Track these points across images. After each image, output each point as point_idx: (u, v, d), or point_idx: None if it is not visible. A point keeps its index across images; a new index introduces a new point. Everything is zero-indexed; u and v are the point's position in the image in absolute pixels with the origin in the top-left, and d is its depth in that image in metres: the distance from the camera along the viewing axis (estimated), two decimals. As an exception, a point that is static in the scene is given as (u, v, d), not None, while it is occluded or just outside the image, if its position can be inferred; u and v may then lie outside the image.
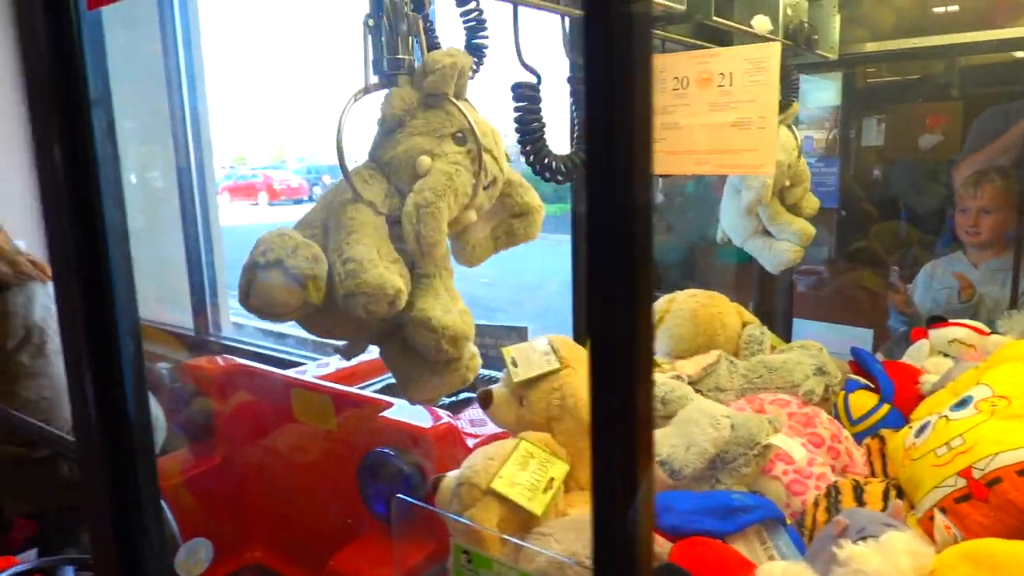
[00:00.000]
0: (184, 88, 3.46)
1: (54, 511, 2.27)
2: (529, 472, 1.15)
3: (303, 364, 2.33)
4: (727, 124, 1.37)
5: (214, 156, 3.67)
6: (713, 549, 0.96)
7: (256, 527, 1.98)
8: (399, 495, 1.19)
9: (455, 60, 1.02)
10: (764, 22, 1.50)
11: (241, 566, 1.96)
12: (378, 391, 1.94)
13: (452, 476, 1.21)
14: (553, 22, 1.52)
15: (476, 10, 1.15)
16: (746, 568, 0.95)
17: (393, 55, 1.03)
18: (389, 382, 1.99)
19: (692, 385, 1.45)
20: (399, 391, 1.13)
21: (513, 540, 1.07)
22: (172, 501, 1.59)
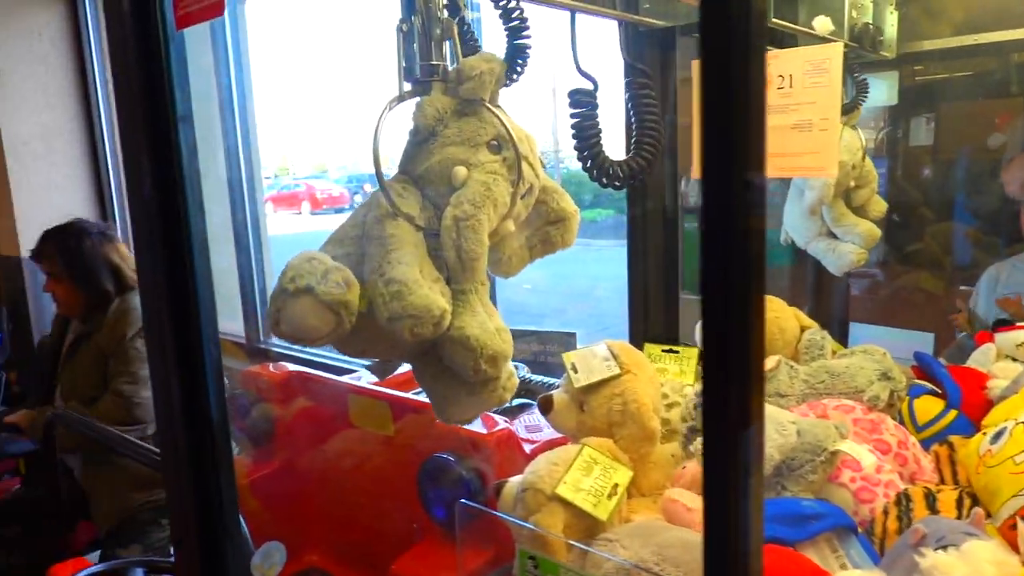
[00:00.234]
0: (235, 101, 3.54)
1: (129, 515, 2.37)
2: (593, 478, 1.15)
3: (356, 371, 2.36)
4: (787, 126, 1.36)
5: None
6: (787, 557, 0.94)
7: (314, 531, 2.01)
8: (463, 500, 1.19)
9: (492, 66, 0.99)
10: (825, 23, 1.48)
11: (299, 570, 1.99)
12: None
13: (515, 481, 1.21)
14: (601, 27, 1.52)
15: (517, 8, 1.10)
16: (821, 576, 0.93)
17: (427, 61, 1.00)
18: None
19: (753, 391, 1.42)
20: (434, 412, 1.08)
21: (580, 546, 1.06)
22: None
